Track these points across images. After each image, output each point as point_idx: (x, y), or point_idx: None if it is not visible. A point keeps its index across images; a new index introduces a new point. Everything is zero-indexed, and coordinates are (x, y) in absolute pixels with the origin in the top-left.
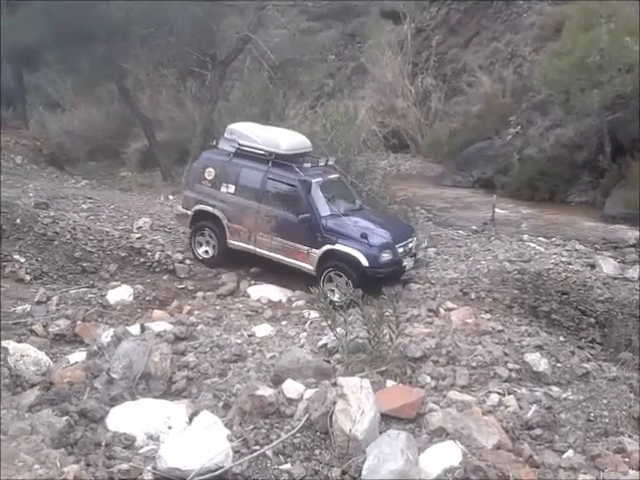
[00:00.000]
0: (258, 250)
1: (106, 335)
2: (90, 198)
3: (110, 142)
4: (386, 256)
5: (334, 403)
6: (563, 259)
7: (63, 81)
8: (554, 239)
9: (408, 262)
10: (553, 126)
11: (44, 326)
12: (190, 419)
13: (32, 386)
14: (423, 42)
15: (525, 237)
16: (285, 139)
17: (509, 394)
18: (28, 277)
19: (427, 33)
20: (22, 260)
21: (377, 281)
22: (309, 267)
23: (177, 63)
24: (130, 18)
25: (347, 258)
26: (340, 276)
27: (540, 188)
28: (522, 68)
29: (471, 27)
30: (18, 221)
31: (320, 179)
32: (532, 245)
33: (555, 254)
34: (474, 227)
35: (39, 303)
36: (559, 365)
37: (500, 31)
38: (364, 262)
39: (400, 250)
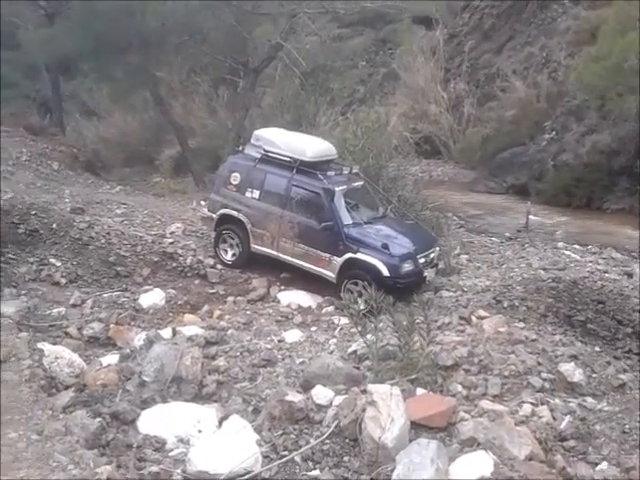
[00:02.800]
0: (281, 255)
1: (138, 338)
2: (124, 203)
3: (144, 149)
4: (407, 266)
5: (364, 410)
6: (599, 267)
7: (99, 89)
8: (590, 247)
9: (429, 273)
10: (589, 132)
11: (78, 329)
12: (220, 423)
13: (66, 388)
14: (456, 47)
15: (560, 244)
16: (310, 146)
17: (542, 404)
18: (64, 280)
19: (460, 38)
20: (58, 264)
21: (397, 291)
22: (330, 274)
23: (210, 71)
24: (165, 27)
25: (368, 267)
26: (357, 285)
27: (576, 195)
28: (557, 73)
29: (504, 32)
30: (54, 226)
31: (344, 187)
32: (567, 253)
33: (591, 262)
34: (507, 234)
35: (74, 306)
36: (594, 376)
37: (534, 36)
38: (385, 272)
39: (422, 260)
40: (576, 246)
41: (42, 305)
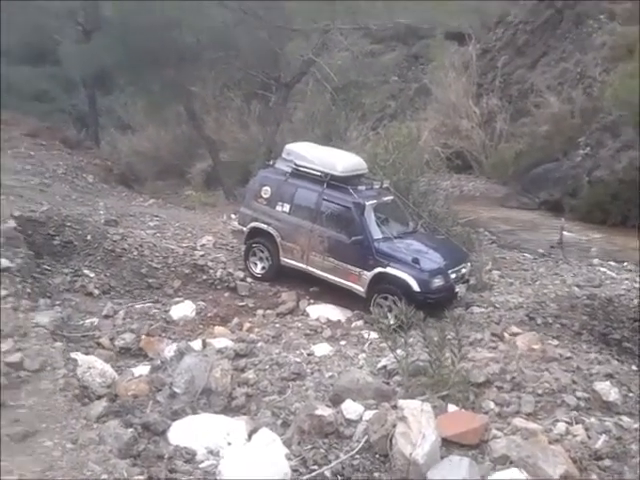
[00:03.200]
0: (310, 269)
1: (169, 350)
2: (157, 216)
3: (176, 162)
4: (438, 282)
5: (394, 426)
6: (636, 285)
7: (133, 103)
8: (626, 264)
9: (460, 288)
10: (625, 148)
11: (110, 339)
12: (249, 436)
13: (99, 397)
14: (489, 63)
15: (595, 261)
16: (341, 161)
17: (577, 423)
18: (97, 291)
19: (493, 54)
20: (91, 275)
21: (428, 306)
22: (360, 289)
23: (242, 86)
24: (200, 43)
25: (398, 282)
26: (387, 299)
27: (611, 212)
28: (592, 89)
29: (539, 47)
30: (89, 237)
31: (374, 201)
32: (602, 270)
33: (627, 279)
34: (541, 250)
35: (106, 317)
36: (630, 395)
37: (569, 51)
38: (415, 287)
39: (453, 276)
40: (612, 263)
41: (75, 315)
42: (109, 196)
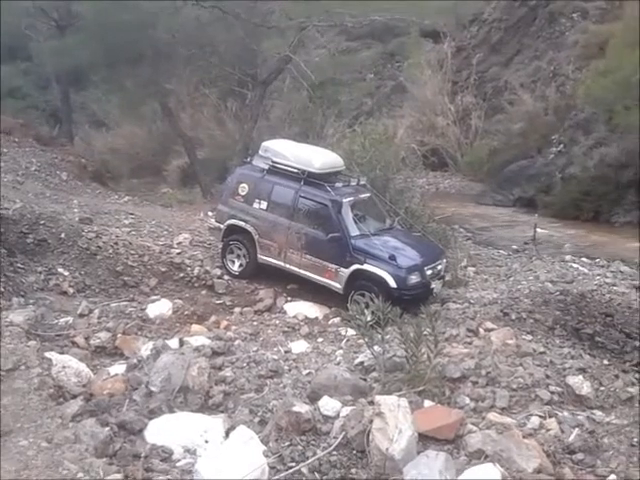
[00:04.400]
0: (287, 266)
1: (146, 348)
2: (132, 214)
3: (152, 159)
4: (414, 278)
5: (371, 421)
6: (607, 280)
7: (108, 100)
8: (598, 260)
9: (436, 285)
10: (597, 145)
11: (86, 338)
12: (226, 434)
13: (74, 397)
14: (463, 61)
15: (568, 257)
16: (318, 158)
17: (550, 417)
18: (71, 290)
19: (468, 52)
20: (66, 273)
21: (404, 303)
22: (337, 285)
23: (218, 83)
24: (175, 40)
25: (375, 279)
26: (364, 296)
27: (584, 208)
28: (565, 86)
29: (512, 46)
30: (63, 235)
31: (351, 199)
32: (575, 266)
33: (599, 275)
34: (515, 247)
35: (81, 316)
36: (602, 389)
37: (542, 49)
38: (392, 283)
39: (429, 272)
40: (584, 259)
41: (50, 314)
42: (83, 193)
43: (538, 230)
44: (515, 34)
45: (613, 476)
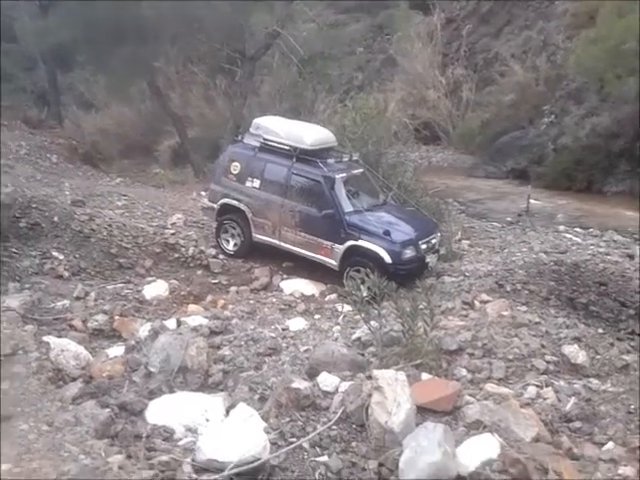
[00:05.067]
0: (282, 244)
1: (143, 329)
2: (125, 195)
3: (142, 140)
4: (409, 253)
5: (370, 396)
6: (601, 250)
7: (96, 81)
8: (591, 230)
9: (431, 259)
10: (588, 114)
11: (83, 321)
12: (227, 412)
13: (73, 380)
14: (453, 32)
15: (561, 228)
16: (309, 134)
17: (547, 386)
18: (67, 273)
19: (457, 23)
20: (60, 257)
21: (400, 277)
22: (332, 262)
23: (207, 60)
24: (161, 17)
25: (370, 254)
26: (359, 272)
27: (576, 178)
28: (556, 56)
29: (502, 16)
30: (56, 219)
31: (344, 175)
32: (568, 236)
33: (592, 245)
34: (508, 218)
35: (78, 299)
36: (598, 357)
37: (532, 19)
38: (387, 259)
39: (423, 247)
40: (577, 229)
41: (46, 298)
42: (74, 176)
43: (531, 201)
44: (504, 4)
45: (611, 443)
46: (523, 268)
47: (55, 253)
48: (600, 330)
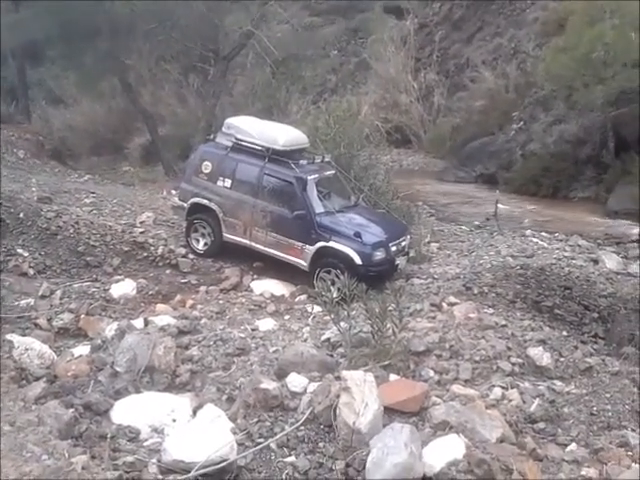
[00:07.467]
0: (253, 245)
1: (110, 329)
2: (93, 193)
3: (113, 137)
4: (379, 254)
5: (338, 396)
6: (566, 254)
7: (66, 76)
8: (557, 234)
9: (401, 261)
10: (556, 122)
11: (48, 320)
12: (194, 412)
13: (37, 379)
14: (426, 37)
15: (528, 232)
16: (282, 135)
17: (512, 388)
18: (32, 271)
19: (430, 28)
20: (26, 254)
21: (369, 279)
22: (303, 263)
23: (180, 58)
24: (134, 14)
25: (340, 256)
26: (330, 273)
27: (543, 184)
28: (525, 64)
29: (474, 23)
30: (21, 215)
31: (316, 176)
32: (535, 240)
33: (558, 249)
34: (477, 222)
35: (43, 297)
36: (562, 359)
37: (503, 26)
38: (357, 260)
39: (393, 249)
40: (543, 234)
41: (10, 296)
42: (42, 172)
43: (499, 206)
44: (476, 11)
45: (574, 444)
46: (490, 271)
47: (20, 250)
48: (564, 333)
